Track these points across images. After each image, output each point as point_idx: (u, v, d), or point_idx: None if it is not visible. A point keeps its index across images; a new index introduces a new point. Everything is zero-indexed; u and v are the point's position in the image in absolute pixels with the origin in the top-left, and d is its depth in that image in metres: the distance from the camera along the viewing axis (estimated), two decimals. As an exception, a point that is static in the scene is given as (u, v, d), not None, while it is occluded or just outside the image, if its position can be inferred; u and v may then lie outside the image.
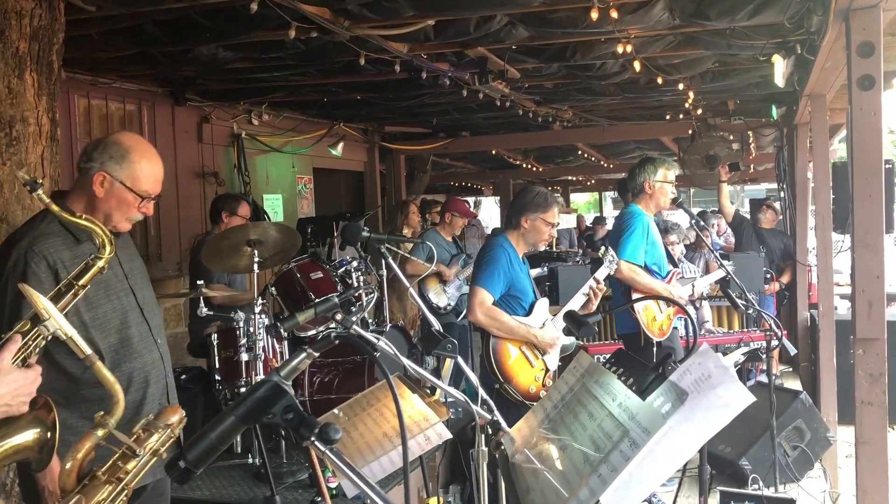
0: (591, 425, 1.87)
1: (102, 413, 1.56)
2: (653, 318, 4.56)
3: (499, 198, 17.68)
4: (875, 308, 3.41)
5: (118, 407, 1.58)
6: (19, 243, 2.50)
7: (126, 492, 1.46)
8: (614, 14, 4.43)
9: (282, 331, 2.26)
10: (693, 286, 5.06)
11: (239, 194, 6.78)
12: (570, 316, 3.36)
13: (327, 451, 1.05)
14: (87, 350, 1.54)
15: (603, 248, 4.20)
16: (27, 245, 2.48)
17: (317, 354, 1.31)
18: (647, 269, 4.63)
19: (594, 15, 4.37)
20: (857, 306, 3.44)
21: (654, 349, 4.42)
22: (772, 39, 5.15)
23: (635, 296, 4.49)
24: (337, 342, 1.36)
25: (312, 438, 1.06)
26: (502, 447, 2.24)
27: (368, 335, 2.29)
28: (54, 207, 2.28)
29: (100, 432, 1.58)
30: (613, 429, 1.77)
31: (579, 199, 31.51)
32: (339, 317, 2.34)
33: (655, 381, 1.85)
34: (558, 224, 4.25)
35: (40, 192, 2.22)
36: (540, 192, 4.14)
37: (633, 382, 1.95)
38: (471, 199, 18.80)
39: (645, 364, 2.04)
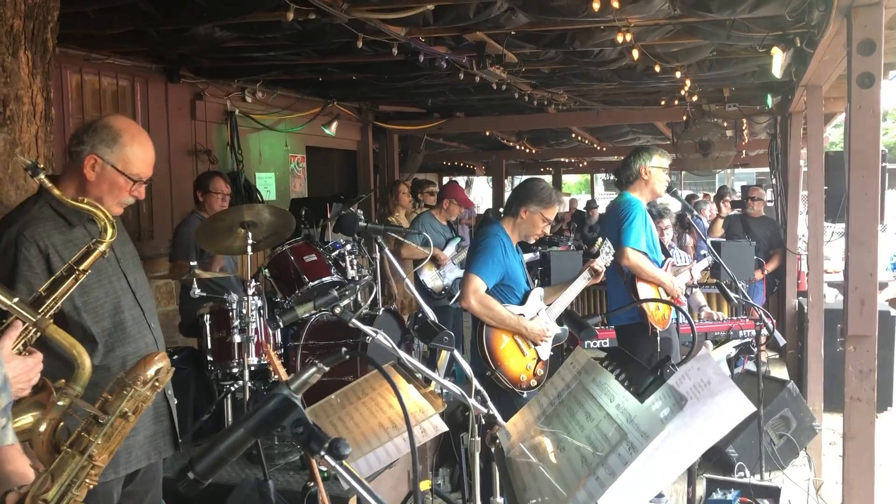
0: (589, 426, 1.87)
1: (64, 380, 1.49)
2: (656, 308, 4.57)
3: (491, 178, 17.64)
4: (867, 305, 3.43)
5: (83, 372, 1.50)
6: (10, 228, 2.48)
7: (93, 466, 1.41)
8: (615, 3, 4.40)
9: (280, 323, 2.27)
10: (690, 272, 5.08)
11: (212, 171, 6.55)
12: (569, 318, 3.34)
13: (337, 466, 1.06)
14: (36, 316, 1.49)
15: (600, 239, 4.17)
16: (18, 230, 2.46)
17: (327, 369, 1.32)
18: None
19: (596, 6, 4.34)
20: (849, 303, 3.46)
21: (659, 339, 4.40)
22: (771, 32, 5.13)
23: (639, 284, 4.47)
24: (347, 357, 1.36)
25: (322, 453, 1.06)
26: (497, 441, 2.25)
27: (367, 328, 2.31)
28: (56, 192, 2.27)
29: (63, 402, 1.51)
30: (611, 431, 1.77)
31: (570, 181, 31.63)
32: (338, 310, 2.36)
33: (654, 383, 1.85)
34: (552, 223, 4.23)
35: (42, 176, 2.22)
36: (546, 187, 4.10)
37: (631, 383, 1.95)
38: (462, 179, 18.71)
39: (642, 364, 2.05)
